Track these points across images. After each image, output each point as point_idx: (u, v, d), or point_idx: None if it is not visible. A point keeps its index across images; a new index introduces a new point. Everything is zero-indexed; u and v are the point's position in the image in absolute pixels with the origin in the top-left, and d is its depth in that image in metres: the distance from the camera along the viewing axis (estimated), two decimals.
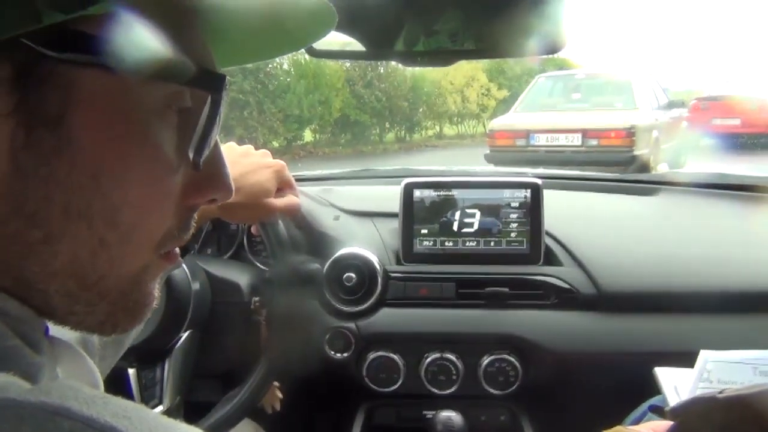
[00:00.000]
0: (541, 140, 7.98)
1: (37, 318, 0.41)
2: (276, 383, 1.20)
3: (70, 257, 0.39)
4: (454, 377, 1.24)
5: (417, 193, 1.31)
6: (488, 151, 8.37)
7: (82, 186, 0.38)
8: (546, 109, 8.70)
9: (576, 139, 7.72)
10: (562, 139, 7.84)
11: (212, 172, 0.46)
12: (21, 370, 0.35)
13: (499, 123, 8.90)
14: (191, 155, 0.43)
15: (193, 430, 0.36)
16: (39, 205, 0.37)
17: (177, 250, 0.48)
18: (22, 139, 0.36)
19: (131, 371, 1.07)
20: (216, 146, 0.47)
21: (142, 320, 0.46)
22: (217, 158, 0.47)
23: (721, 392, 0.73)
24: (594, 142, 7.64)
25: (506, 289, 1.26)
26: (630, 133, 7.43)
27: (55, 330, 0.46)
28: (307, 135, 14.57)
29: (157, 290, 0.47)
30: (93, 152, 0.38)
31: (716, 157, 9.87)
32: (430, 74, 16.08)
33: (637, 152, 7.42)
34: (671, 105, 9.22)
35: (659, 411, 0.82)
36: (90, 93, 0.37)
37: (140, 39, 0.37)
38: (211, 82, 0.43)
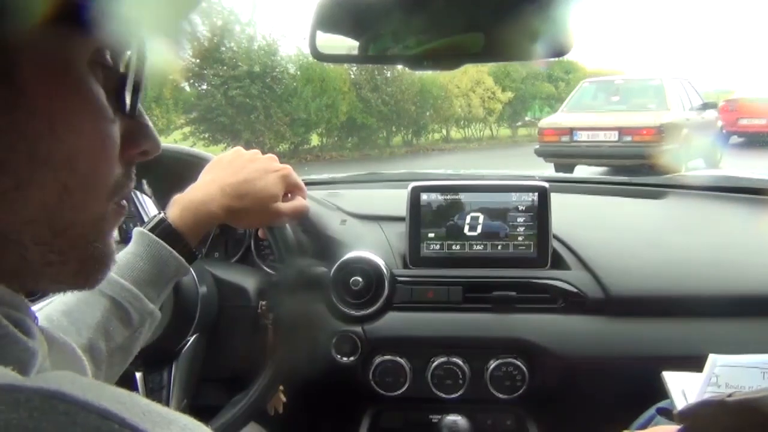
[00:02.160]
0: (582, 137, 9.24)
1: (28, 305, 0.43)
2: (280, 386, 1.20)
3: (39, 203, 0.42)
4: (461, 381, 1.24)
5: (424, 197, 1.31)
6: (537, 146, 9.71)
7: (42, 133, 0.41)
8: (588, 110, 9.91)
9: (613, 136, 8.97)
10: (601, 136, 9.08)
11: (139, 125, 0.50)
12: (15, 358, 0.37)
13: (547, 122, 10.17)
14: (127, 101, 0.47)
15: (183, 416, 0.36)
16: (5, 154, 0.40)
17: (124, 202, 0.51)
18: None
19: (138, 375, 1.07)
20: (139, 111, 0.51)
21: (107, 272, 0.49)
22: (141, 116, 0.51)
23: (730, 396, 0.72)
24: (628, 138, 8.88)
25: (513, 293, 1.26)
26: (660, 130, 8.65)
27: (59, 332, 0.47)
28: (314, 139, 14.61)
29: (114, 243, 0.51)
30: (44, 101, 0.41)
31: (745, 154, 11.13)
32: (438, 78, 16.08)
33: (665, 147, 8.52)
34: (705, 106, 10.34)
35: (667, 414, 0.82)
36: (32, 46, 0.40)
37: None
38: (123, 36, 0.47)
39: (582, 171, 9.32)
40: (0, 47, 0.38)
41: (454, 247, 1.31)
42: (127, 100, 0.47)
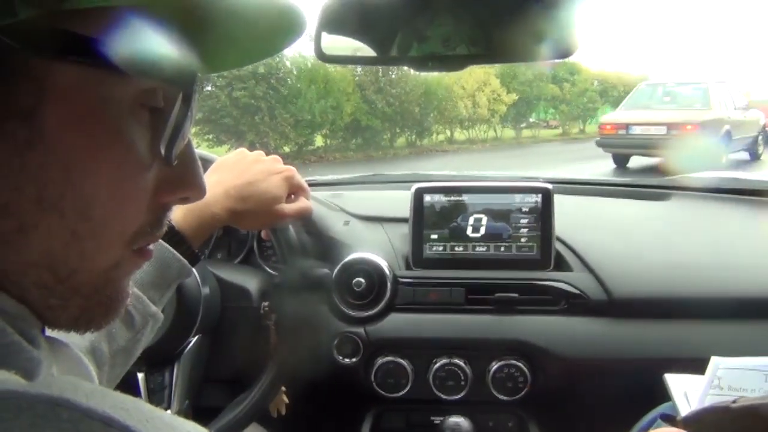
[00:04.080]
0: (636, 131, 11.25)
1: (33, 316, 0.42)
2: (282, 387, 1.20)
3: (43, 248, 0.40)
4: (463, 383, 1.24)
5: (427, 198, 1.31)
6: (598, 138, 11.92)
7: (54, 178, 0.39)
8: (643, 108, 11.95)
9: (662, 130, 10.83)
10: (653, 130, 10.99)
11: (184, 171, 0.47)
12: (20, 366, 0.36)
13: (607, 118, 12.54)
14: (162, 150, 0.44)
15: (187, 423, 0.36)
16: (11, 195, 0.38)
17: (150, 246, 0.48)
18: None
19: (140, 375, 1.08)
20: (189, 147, 0.48)
21: (115, 317, 0.47)
22: (189, 158, 0.48)
23: (734, 401, 0.73)
24: (675, 132, 10.62)
25: (516, 295, 1.25)
26: (701, 125, 10.52)
27: (62, 336, 0.47)
28: (318, 140, 14.62)
29: (130, 287, 0.48)
30: (65, 145, 0.39)
31: None
32: (443, 79, 16.10)
33: (707, 140, 10.26)
34: (749, 106, 12.33)
35: (671, 420, 0.82)
36: (62, 87, 0.38)
37: (116, 35, 0.38)
38: (181, 78, 0.43)
39: (637, 162, 11.64)
40: (28, 83, 0.37)
41: (456, 248, 1.31)
42: (162, 148, 0.44)
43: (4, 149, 0.37)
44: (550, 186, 1.30)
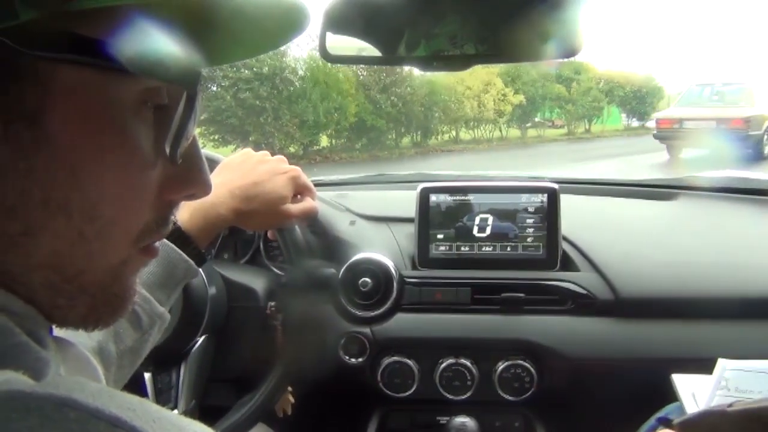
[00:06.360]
0: (687, 125, 12.75)
1: (41, 316, 0.42)
2: (288, 387, 1.20)
3: (50, 250, 0.40)
4: (469, 383, 1.24)
5: (433, 198, 1.31)
6: (655, 132, 13.61)
7: (60, 180, 0.39)
8: (693, 106, 13.45)
9: (711, 125, 12.33)
10: (703, 125, 12.39)
11: (189, 168, 0.47)
12: (28, 366, 0.36)
13: (661, 114, 14.34)
14: (167, 149, 0.44)
15: (194, 423, 0.36)
16: (18, 198, 0.38)
17: (156, 244, 0.48)
18: (0, 134, 0.36)
19: (147, 375, 1.08)
20: (194, 143, 0.48)
21: (123, 314, 0.47)
22: (194, 154, 0.47)
23: (730, 405, 0.73)
24: (722, 127, 12.13)
25: (522, 295, 1.25)
26: (746, 120, 12.11)
27: (70, 336, 0.47)
28: (323, 140, 14.62)
29: (137, 285, 0.48)
30: (70, 147, 0.38)
31: None
32: (447, 79, 16.07)
33: (751, 133, 12.06)
34: None
35: (668, 423, 0.82)
36: (67, 89, 0.38)
37: (120, 36, 0.38)
38: (185, 78, 0.43)
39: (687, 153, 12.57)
40: (32, 85, 0.37)
41: (462, 248, 1.30)
42: (167, 148, 0.43)
43: (9, 152, 0.37)
44: (556, 186, 1.30)
